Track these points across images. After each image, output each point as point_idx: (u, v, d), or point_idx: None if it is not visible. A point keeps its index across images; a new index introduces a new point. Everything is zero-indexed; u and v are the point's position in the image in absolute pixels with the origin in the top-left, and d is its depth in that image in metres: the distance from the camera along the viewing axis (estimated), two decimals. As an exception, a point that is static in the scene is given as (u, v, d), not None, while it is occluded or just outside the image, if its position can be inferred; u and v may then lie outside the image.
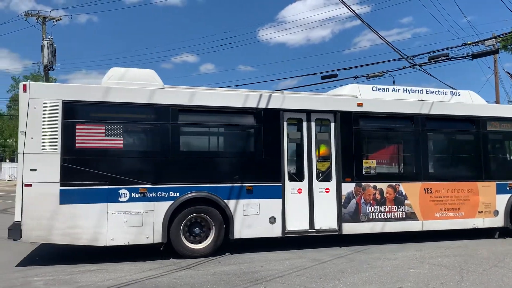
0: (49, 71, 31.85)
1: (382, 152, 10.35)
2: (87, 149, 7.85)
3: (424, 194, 9.86)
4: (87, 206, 7.67)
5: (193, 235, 8.35)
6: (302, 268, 7.46)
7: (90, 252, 8.46)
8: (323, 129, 9.46)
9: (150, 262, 7.82)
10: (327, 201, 9.19)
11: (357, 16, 10.87)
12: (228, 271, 7.27)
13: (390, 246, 9.44)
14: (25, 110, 7.60)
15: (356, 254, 8.64)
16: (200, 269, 7.40)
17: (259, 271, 7.27)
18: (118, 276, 6.92)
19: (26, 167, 7.49)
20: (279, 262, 7.94)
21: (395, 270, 7.37)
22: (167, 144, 8.26)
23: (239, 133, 9.12)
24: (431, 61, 14.01)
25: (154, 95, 8.29)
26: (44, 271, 7.22)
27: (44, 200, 7.50)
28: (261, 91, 9.21)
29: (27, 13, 31.29)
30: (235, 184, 8.51)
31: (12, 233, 7.40)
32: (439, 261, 8.03)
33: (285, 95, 9.39)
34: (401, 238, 9.87)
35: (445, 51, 13.78)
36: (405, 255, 8.57)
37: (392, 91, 10.38)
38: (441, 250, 9.03)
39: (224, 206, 8.38)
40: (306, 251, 8.85)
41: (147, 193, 7.99)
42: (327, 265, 7.71)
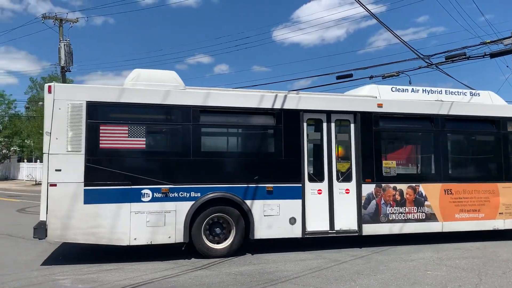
0: (66, 73, 32.19)
1: (401, 153, 10.31)
2: (110, 149, 7.94)
3: (444, 195, 9.80)
4: (110, 206, 7.76)
5: (214, 235, 8.40)
6: (318, 269, 7.45)
7: (108, 252, 8.56)
8: (343, 130, 9.44)
9: (166, 262, 7.87)
10: (347, 202, 9.18)
11: (373, 15, 10.82)
12: (243, 271, 7.30)
13: (407, 247, 9.38)
14: (50, 111, 7.71)
15: (373, 255, 8.60)
16: (215, 269, 7.44)
17: (274, 271, 7.28)
18: (134, 275, 6.97)
19: (51, 167, 7.59)
20: (296, 262, 7.94)
21: (411, 272, 7.31)
22: (188, 144, 8.32)
23: (260, 134, 9.16)
24: (448, 60, 13.89)
25: (176, 96, 8.36)
26: (68, 270, 7.33)
27: (68, 200, 7.59)
28: (281, 92, 9.24)
29: (44, 16, 31.70)
30: (255, 185, 8.54)
31: (38, 232, 7.51)
32: (456, 263, 7.94)
33: (305, 96, 9.42)
34: (418, 239, 9.82)
35: (463, 50, 13.67)
36: (422, 256, 8.52)
37: (411, 91, 10.32)
38: (459, 252, 8.94)
39: (245, 207, 8.41)
40: (324, 252, 8.84)
41: (169, 193, 8.05)
42: (343, 266, 7.69)
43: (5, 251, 8.95)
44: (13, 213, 15.88)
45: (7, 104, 40.97)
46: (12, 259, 8.20)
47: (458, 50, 13.83)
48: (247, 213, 8.42)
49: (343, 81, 16.16)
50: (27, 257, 8.35)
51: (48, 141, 7.64)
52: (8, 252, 8.85)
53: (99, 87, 8.20)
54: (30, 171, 38.47)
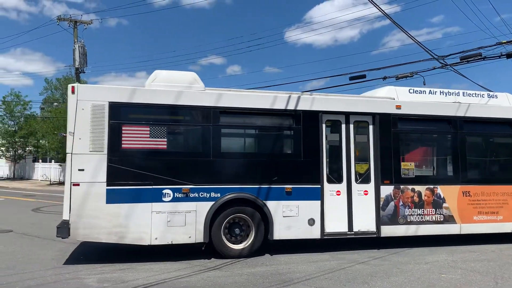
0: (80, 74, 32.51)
1: (419, 154, 10.30)
2: (132, 149, 8.02)
3: (462, 197, 9.76)
4: (132, 206, 7.83)
5: (234, 235, 8.45)
6: (331, 270, 7.43)
7: (120, 252, 8.68)
8: (361, 131, 9.43)
9: (179, 262, 7.91)
10: (366, 204, 9.18)
11: (386, 16, 10.75)
12: (256, 272, 7.31)
13: (421, 249, 9.33)
14: (73, 111, 7.79)
15: (387, 257, 8.57)
16: (228, 270, 7.46)
17: (286, 273, 7.27)
18: (147, 275, 7.02)
19: (74, 167, 7.68)
20: (309, 264, 7.93)
21: (426, 274, 7.23)
22: (208, 145, 8.38)
23: (279, 135, 9.17)
24: (463, 61, 13.69)
25: (196, 97, 8.43)
26: (82, 269, 7.42)
27: (91, 200, 7.67)
28: (298, 93, 9.28)
29: (59, 18, 32.05)
30: (274, 186, 8.56)
31: (60, 231, 7.61)
32: (472, 267, 7.84)
33: (324, 97, 9.44)
34: (432, 241, 9.77)
35: (478, 50, 13.51)
36: (437, 259, 8.44)
37: (429, 93, 10.27)
38: (474, 255, 8.84)
39: (264, 207, 8.44)
40: (339, 253, 8.85)
41: (190, 193, 8.11)
42: (356, 268, 7.66)
43: (23, 249, 9.07)
44: (28, 212, 16.07)
45: (23, 105, 41.40)
46: (34, 257, 8.32)
47: (474, 50, 13.66)
48: (266, 214, 8.44)
49: (357, 82, 16.09)
50: (46, 256, 8.47)
51: (71, 141, 7.73)
52: (26, 251, 8.97)
53: (121, 87, 8.29)
54: (45, 171, 38.83)
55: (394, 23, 11.32)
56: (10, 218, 14.10)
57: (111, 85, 8.25)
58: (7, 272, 7.11)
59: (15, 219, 13.95)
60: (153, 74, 8.69)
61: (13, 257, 8.24)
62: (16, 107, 41.19)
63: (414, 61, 24.85)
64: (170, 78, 8.57)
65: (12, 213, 15.90)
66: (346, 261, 8.13)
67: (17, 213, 15.71)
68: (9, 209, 17.47)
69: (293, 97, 8.99)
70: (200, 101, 8.42)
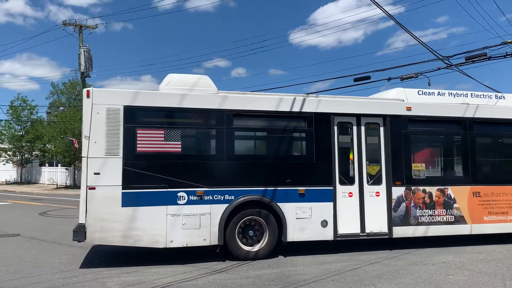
0: (86, 78, 32.67)
1: (430, 155, 10.34)
2: (147, 153, 8.07)
3: (472, 197, 9.79)
4: (147, 209, 7.88)
5: (247, 237, 8.49)
6: (338, 272, 7.41)
7: (125, 255, 8.78)
8: (372, 133, 9.49)
9: (185, 265, 7.91)
10: (378, 205, 9.22)
11: (390, 17, 10.72)
12: (262, 275, 7.29)
13: (428, 250, 9.33)
14: (89, 115, 7.85)
15: (395, 258, 8.55)
16: (234, 273, 7.44)
17: (293, 275, 7.26)
18: (153, 278, 7.02)
19: (90, 170, 7.72)
20: (316, 266, 7.92)
21: (433, 276, 7.19)
22: (222, 148, 8.44)
23: (291, 137, 9.24)
24: (468, 61, 13.66)
25: (210, 100, 8.50)
26: (88, 272, 7.46)
27: (107, 203, 7.73)
28: (311, 95, 9.35)
29: (65, 22, 32.22)
30: (287, 188, 8.62)
31: (77, 235, 7.65)
32: (479, 268, 7.80)
33: (336, 99, 9.50)
34: (439, 242, 9.78)
35: (483, 50, 13.49)
36: (444, 260, 8.41)
37: (438, 95, 10.33)
38: (482, 256, 8.81)
39: (278, 209, 8.49)
40: (347, 254, 8.85)
41: (204, 196, 8.17)
42: (363, 269, 7.63)
43: (30, 253, 9.07)
44: (35, 216, 16.15)
45: (29, 110, 41.61)
46: (41, 261, 8.34)
47: (479, 50, 13.67)
48: (279, 216, 8.49)
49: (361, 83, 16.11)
50: (53, 259, 8.48)
51: (87, 145, 7.78)
52: (34, 254, 8.98)
53: (136, 91, 8.35)
54: (51, 175, 39.00)
55: (398, 23, 11.25)
56: (18, 222, 14.20)
57: (126, 89, 8.30)
58: (15, 276, 7.15)
59: (22, 223, 14.05)
60: (166, 78, 8.76)
61: (20, 261, 8.29)
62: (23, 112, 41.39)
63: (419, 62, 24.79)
64: (183, 82, 8.64)
65: (20, 217, 16.02)
66: (353, 263, 8.14)
67: (24, 217, 15.81)
68: (17, 213, 17.59)
69: (305, 100, 9.05)
70: (214, 104, 8.49)
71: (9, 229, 12.39)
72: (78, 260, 8.38)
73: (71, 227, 12.55)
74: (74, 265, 7.93)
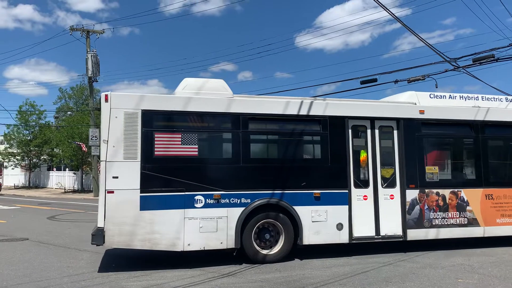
0: (93, 83, 32.84)
1: (443, 158, 10.35)
2: (165, 156, 8.12)
3: (485, 200, 9.84)
4: (165, 212, 7.92)
5: (263, 240, 8.53)
6: (346, 276, 7.38)
7: (132, 259, 8.86)
8: (386, 136, 9.53)
9: (193, 270, 7.90)
10: (392, 208, 9.25)
11: (396, 18, 10.67)
12: (269, 279, 7.29)
13: (437, 252, 9.35)
14: (107, 119, 7.90)
15: (402, 261, 8.53)
16: (241, 277, 7.44)
17: (300, 279, 7.25)
18: (161, 282, 7.04)
19: (108, 174, 7.76)
20: (324, 269, 7.91)
21: (442, 280, 7.14)
22: (238, 151, 8.49)
23: (306, 140, 9.31)
24: (475, 63, 13.66)
25: (226, 104, 8.55)
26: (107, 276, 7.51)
27: (125, 207, 7.77)
28: (327, 99, 9.44)
29: (72, 28, 32.39)
30: (303, 191, 8.67)
31: (96, 238, 7.69)
32: (489, 271, 7.73)
33: (350, 103, 9.56)
34: (448, 245, 9.79)
35: (491, 52, 13.44)
36: (453, 263, 8.37)
37: (449, 98, 10.41)
38: (491, 259, 8.77)
39: (294, 213, 8.52)
40: (355, 258, 8.86)
41: (221, 199, 8.21)
42: (371, 273, 7.59)
43: (39, 257, 9.09)
44: (43, 220, 16.23)
45: (38, 115, 41.81)
46: (50, 265, 8.35)
47: (486, 52, 13.64)
48: (295, 219, 8.53)
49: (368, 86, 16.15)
50: (62, 263, 8.47)
51: (106, 149, 7.83)
52: (42, 258, 8.99)
53: (153, 95, 8.43)
54: (59, 179, 39.14)
55: (404, 26, 11.16)
56: (26, 226, 14.26)
57: (144, 93, 8.38)
58: (23, 280, 7.20)
59: (31, 227, 14.11)
60: (183, 82, 8.83)
61: (29, 265, 8.32)
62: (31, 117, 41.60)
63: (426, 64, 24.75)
64: (200, 86, 8.71)
65: (28, 221, 16.08)
66: (362, 266, 8.12)
67: (33, 221, 15.87)
68: (25, 217, 17.65)
69: (319, 103, 9.13)
70: (230, 108, 8.54)
71: (18, 233, 12.48)
72: (87, 264, 8.44)
73: (79, 231, 12.83)
74: (82, 269, 7.98)
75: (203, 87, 8.69)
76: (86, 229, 13.57)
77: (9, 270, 7.90)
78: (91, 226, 13.99)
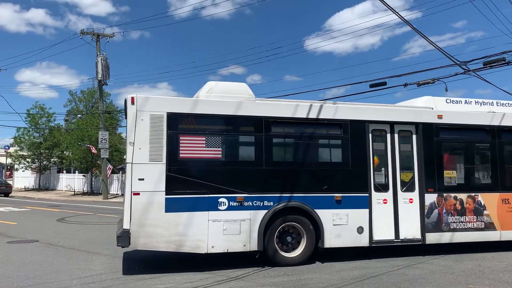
0: (103, 86, 33.08)
1: (460, 163, 10.39)
2: (189, 159, 8.21)
3: (502, 204, 9.92)
4: (190, 214, 7.99)
5: (285, 243, 8.59)
6: (355, 281, 7.33)
7: (140, 261, 8.92)
8: (405, 140, 9.61)
9: (201, 273, 7.91)
10: (411, 212, 9.32)
11: (405, 21, 10.59)
12: (278, 282, 7.28)
13: (447, 257, 9.36)
14: (133, 122, 7.97)
15: (413, 266, 8.54)
16: (250, 281, 7.40)
17: (309, 283, 7.21)
18: (169, 285, 7.05)
19: (134, 176, 7.83)
20: (332, 274, 7.88)
21: (452, 285, 7.07)
22: (261, 154, 8.56)
23: (328, 144, 9.42)
24: (486, 66, 13.66)
25: (249, 107, 8.64)
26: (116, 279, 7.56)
27: (151, 209, 7.83)
28: (346, 103, 9.53)
29: (82, 32, 32.74)
30: (324, 194, 8.74)
31: (121, 240, 7.72)
32: (500, 277, 7.65)
33: (370, 107, 9.62)
34: (458, 249, 9.82)
35: (502, 55, 13.43)
36: (463, 268, 8.33)
37: (465, 103, 10.54)
38: (503, 264, 8.71)
39: (315, 216, 8.59)
40: (365, 262, 8.88)
41: (244, 202, 8.28)
42: (380, 278, 7.56)
43: (49, 259, 9.14)
44: (53, 222, 16.39)
45: (47, 117, 42.11)
46: (59, 267, 8.39)
47: (497, 55, 13.62)
48: (317, 222, 8.60)
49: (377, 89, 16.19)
50: (72, 265, 8.54)
51: (132, 151, 7.90)
52: (52, 260, 9.04)
53: (178, 98, 8.55)
54: (69, 182, 39.41)
55: (414, 29, 11.15)
56: (36, 228, 14.41)
57: (169, 96, 8.48)
58: (34, 281, 7.25)
59: (41, 229, 14.25)
60: (206, 85, 8.92)
61: (39, 267, 8.37)
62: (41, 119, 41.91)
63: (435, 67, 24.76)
64: (223, 89, 8.80)
65: (38, 223, 16.23)
66: (370, 271, 8.10)
67: (43, 223, 16.02)
68: (35, 219, 17.83)
69: (341, 107, 9.23)
70: (253, 111, 8.63)
71: (28, 235, 12.60)
72: (96, 267, 8.45)
73: (88, 233, 13.05)
74: (92, 272, 7.99)
75: (227, 91, 8.78)
76: (95, 231, 13.82)
77: (19, 272, 7.97)
78: (100, 228, 14.40)
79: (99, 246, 10.61)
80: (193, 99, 8.67)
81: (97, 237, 12.21)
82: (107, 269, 8.25)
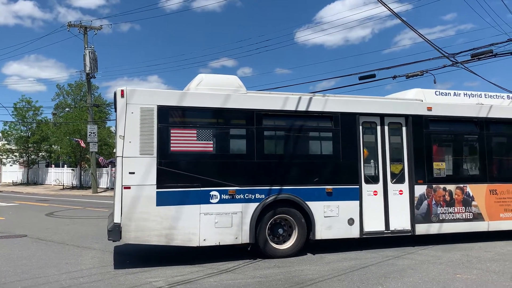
0: (91, 79, 32.81)
1: (449, 154, 10.50)
2: (180, 152, 8.17)
3: (489, 195, 10.07)
4: (181, 208, 7.97)
5: (276, 235, 8.63)
6: (345, 272, 7.37)
7: (129, 255, 8.90)
8: (395, 132, 9.67)
9: (191, 266, 7.89)
10: (401, 203, 9.40)
11: (395, 14, 10.51)
12: (269, 274, 7.27)
13: (435, 247, 9.46)
14: (123, 115, 7.88)
15: (402, 256, 8.60)
16: (240, 273, 7.40)
17: (299, 275, 7.22)
18: (159, 278, 7.03)
19: (125, 170, 7.77)
20: (322, 265, 7.92)
21: (440, 275, 7.13)
22: (252, 147, 8.56)
23: (318, 137, 9.46)
24: (474, 58, 13.75)
25: (240, 100, 8.62)
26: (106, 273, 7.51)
27: (142, 202, 7.78)
28: (337, 95, 9.56)
29: (70, 24, 32.40)
30: (316, 186, 8.78)
31: (112, 234, 7.66)
32: (487, 266, 7.74)
33: (361, 99, 9.68)
34: (446, 240, 9.94)
35: (489, 47, 13.50)
36: (451, 258, 8.41)
37: (454, 95, 10.66)
38: (490, 254, 8.81)
39: (306, 208, 8.63)
40: (353, 253, 8.91)
41: (236, 195, 8.29)
42: (370, 269, 7.60)
43: (38, 254, 9.08)
44: (42, 217, 16.26)
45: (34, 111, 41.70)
46: (48, 262, 8.32)
47: (485, 47, 13.68)
48: (308, 214, 8.63)
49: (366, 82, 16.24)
50: (60, 260, 8.40)
51: (122, 145, 7.82)
52: (41, 255, 8.98)
53: (169, 91, 8.53)
54: (58, 176, 39.12)
55: (403, 21, 11.17)
56: (25, 223, 14.28)
57: (160, 89, 8.43)
58: (22, 277, 7.15)
59: (29, 223, 14.14)
60: (197, 78, 8.88)
61: (28, 262, 8.29)
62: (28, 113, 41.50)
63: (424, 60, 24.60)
64: (214, 82, 8.76)
65: (27, 218, 16.08)
66: (361, 262, 8.13)
67: (31, 218, 15.89)
68: (24, 214, 17.67)
69: (331, 99, 9.24)
70: (244, 104, 8.61)
71: (16, 230, 12.49)
72: (85, 261, 8.40)
73: (77, 227, 12.97)
74: (81, 266, 7.93)
75: (217, 83, 8.74)
76: (84, 225, 13.72)
77: (7, 267, 7.85)
78: (90, 223, 14.32)
79: (89, 241, 10.54)
80: (184, 91, 8.63)
81: (87, 232, 12.12)
82: (97, 263, 8.19)
